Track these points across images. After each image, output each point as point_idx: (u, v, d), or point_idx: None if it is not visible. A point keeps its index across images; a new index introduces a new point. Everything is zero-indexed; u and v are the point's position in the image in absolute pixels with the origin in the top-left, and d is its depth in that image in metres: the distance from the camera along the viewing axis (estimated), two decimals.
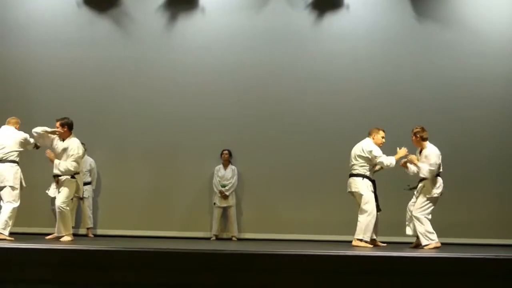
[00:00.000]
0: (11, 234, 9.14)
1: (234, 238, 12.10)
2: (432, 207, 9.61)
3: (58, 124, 9.48)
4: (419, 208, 9.57)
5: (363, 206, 9.62)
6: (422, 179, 9.63)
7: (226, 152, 12.30)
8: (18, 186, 9.36)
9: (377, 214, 9.74)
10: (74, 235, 11.40)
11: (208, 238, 12.02)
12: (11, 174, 9.31)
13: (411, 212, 9.66)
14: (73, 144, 9.45)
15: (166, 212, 12.20)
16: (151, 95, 12.46)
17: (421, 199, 9.63)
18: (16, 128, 9.69)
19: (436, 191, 9.59)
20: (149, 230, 11.77)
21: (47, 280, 5.90)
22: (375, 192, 9.77)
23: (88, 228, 11.92)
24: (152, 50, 12.55)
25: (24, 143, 9.51)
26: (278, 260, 6.43)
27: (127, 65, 12.51)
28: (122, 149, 12.32)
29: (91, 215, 11.99)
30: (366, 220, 9.57)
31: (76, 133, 10.24)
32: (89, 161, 12.03)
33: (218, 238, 12.09)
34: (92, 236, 11.82)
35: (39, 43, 12.45)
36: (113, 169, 12.33)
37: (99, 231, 12.03)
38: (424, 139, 9.71)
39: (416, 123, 11.83)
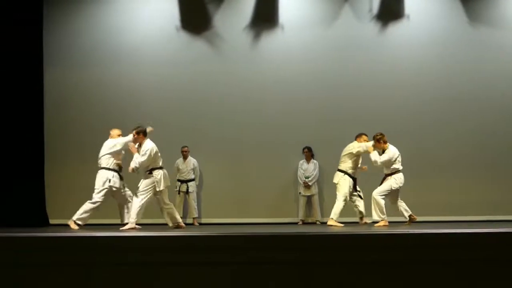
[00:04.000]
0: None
1: (317, 222, 12.16)
2: (388, 194, 10.14)
3: (134, 132, 9.63)
4: (379, 192, 10.08)
5: None
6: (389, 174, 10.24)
7: (306, 149, 12.42)
8: (99, 187, 9.69)
9: None
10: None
11: (296, 223, 12.13)
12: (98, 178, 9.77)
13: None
14: (145, 145, 9.52)
15: (259, 202, 12.32)
16: (241, 103, 12.57)
17: (385, 187, 10.12)
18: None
19: (397, 184, 10.12)
20: (245, 217, 11.95)
21: (166, 262, 6.07)
22: None
23: (194, 218, 12.18)
24: (240, 64, 12.64)
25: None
26: (357, 239, 6.46)
27: (219, 78, 12.61)
28: (220, 150, 12.47)
29: (196, 207, 12.24)
30: None
31: (180, 138, 10.58)
32: (192, 161, 12.32)
33: (304, 223, 12.17)
34: (197, 224, 12.05)
35: (146, 63, 12.67)
36: (213, 167, 12.51)
37: (203, 220, 12.29)
38: (385, 142, 10.27)
39: (474, 120, 11.83)
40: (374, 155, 10.25)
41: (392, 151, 10.22)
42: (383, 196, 10.10)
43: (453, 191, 11.95)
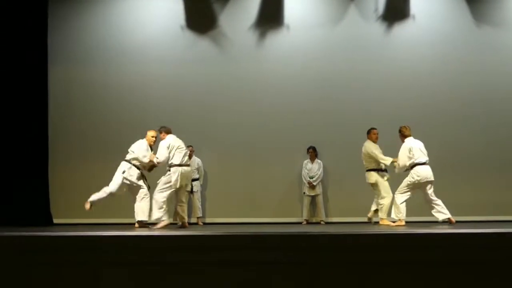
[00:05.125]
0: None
1: (322, 222, 12.13)
2: (408, 191, 9.90)
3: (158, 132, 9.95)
4: (398, 189, 9.95)
5: None
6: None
7: (311, 149, 12.42)
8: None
9: None
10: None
11: (300, 223, 12.14)
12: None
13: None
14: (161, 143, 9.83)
15: (264, 201, 12.32)
16: (245, 103, 12.58)
17: (402, 183, 9.96)
18: (147, 140, 10.05)
19: (414, 178, 9.85)
20: (249, 217, 11.94)
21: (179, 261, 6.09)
22: None
23: (198, 218, 12.16)
24: (245, 64, 12.65)
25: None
26: (362, 239, 6.45)
27: (224, 78, 12.63)
28: (224, 150, 12.48)
29: (200, 206, 12.23)
30: None
31: (184, 138, 10.54)
32: (196, 160, 12.31)
33: (308, 222, 12.17)
34: (201, 224, 12.06)
35: (150, 62, 12.68)
36: (217, 167, 12.52)
37: (207, 220, 12.31)
38: (405, 136, 10.13)
39: (480, 120, 11.76)
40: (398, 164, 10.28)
41: (403, 146, 10.12)
42: (402, 194, 9.94)
43: (458, 191, 11.90)
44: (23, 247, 6.27)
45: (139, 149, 9.87)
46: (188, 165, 9.89)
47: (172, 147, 9.70)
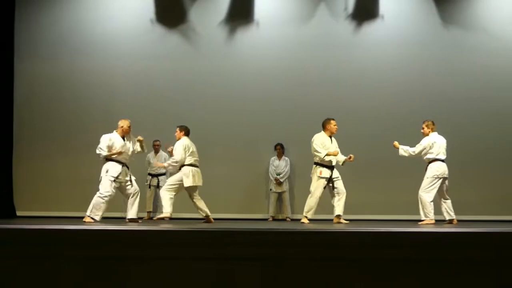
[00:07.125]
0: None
1: (288, 219, 12.18)
2: (432, 188, 9.74)
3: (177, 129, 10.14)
4: (421, 188, 9.83)
5: None
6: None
7: (279, 146, 12.43)
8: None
9: None
10: (151, 218, 11.79)
11: (266, 219, 12.15)
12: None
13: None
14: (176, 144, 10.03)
15: (230, 197, 12.30)
16: (213, 98, 12.53)
17: (424, 182, 9.85)
18: (117, 132, 9.62)
19: (433, 173, 9.78)
20: (215, 213, 11.84)
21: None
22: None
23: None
24: (214, 59, 12.59)
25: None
26: (327, 236, 6.48)
27: (193, 73, 12.57)
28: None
29: None
30: None
31: (152, 132, 10.53)
32: (163, 155, 12.21)
33: (274, 219, 12.20)
34: (167, 218, 12.02)
35: (118, 57, 12.59)
36: None
37: (174, 215, 12.22)
38: (431, 130, 10.12)
39: (444, 116, 11.86)
40: (402, 151, 10.12)
41: (425, 140, 10.03)
42: (428, 193, 9.75)
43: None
44: None
45: (100, 143, 9.47)
46: (197, 166, 10.07)
47: (187, 149, 9.91)
